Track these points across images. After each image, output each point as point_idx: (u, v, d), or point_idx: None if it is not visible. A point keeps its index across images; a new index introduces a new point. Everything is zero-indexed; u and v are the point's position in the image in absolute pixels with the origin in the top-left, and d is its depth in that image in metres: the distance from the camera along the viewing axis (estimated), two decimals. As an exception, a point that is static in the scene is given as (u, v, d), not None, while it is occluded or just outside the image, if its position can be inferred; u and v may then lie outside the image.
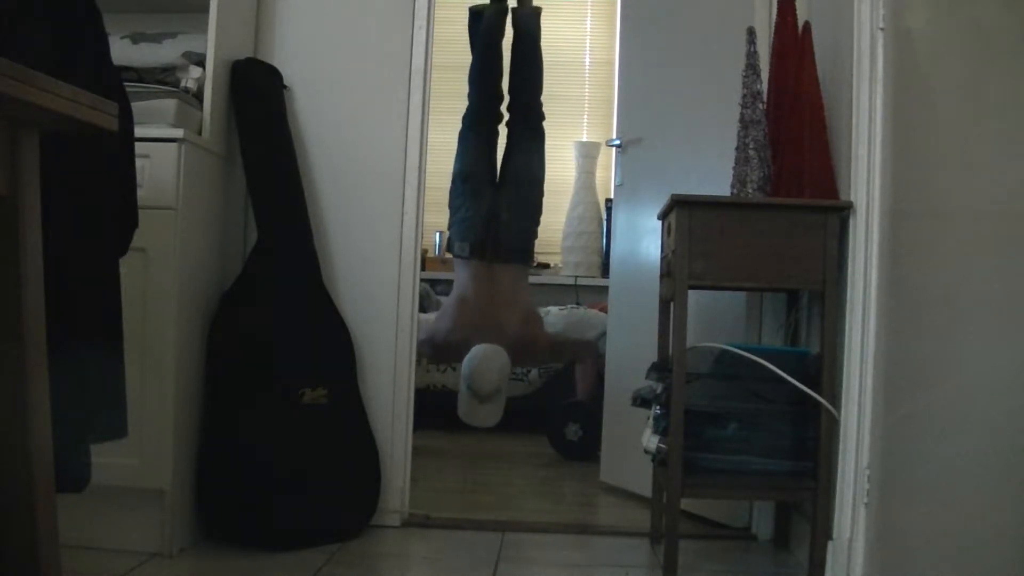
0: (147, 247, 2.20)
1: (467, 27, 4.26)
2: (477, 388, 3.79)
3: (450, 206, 4.10)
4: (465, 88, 4.16)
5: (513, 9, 4.14)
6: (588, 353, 4.10)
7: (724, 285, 2.36)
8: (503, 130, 4.15)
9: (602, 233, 5.49)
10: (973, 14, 1.71)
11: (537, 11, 4.17)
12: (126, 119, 1.62)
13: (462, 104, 4.18)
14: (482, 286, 3.97)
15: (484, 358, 3.80)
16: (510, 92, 4.12)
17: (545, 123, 4.17)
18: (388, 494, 2.66)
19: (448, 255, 4.35)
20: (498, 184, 4.07)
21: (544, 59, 4.23)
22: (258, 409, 2.45)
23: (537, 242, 4.21)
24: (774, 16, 2.51)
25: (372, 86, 2.75)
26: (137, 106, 1.91)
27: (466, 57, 4.23)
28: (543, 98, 4.18)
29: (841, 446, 2.16)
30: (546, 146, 4.18)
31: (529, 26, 4.13)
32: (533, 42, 4.13)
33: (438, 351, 4.01)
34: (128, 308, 1.74)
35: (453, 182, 4.06)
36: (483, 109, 4.05)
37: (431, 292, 5.11)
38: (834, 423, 2.19)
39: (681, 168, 3.02)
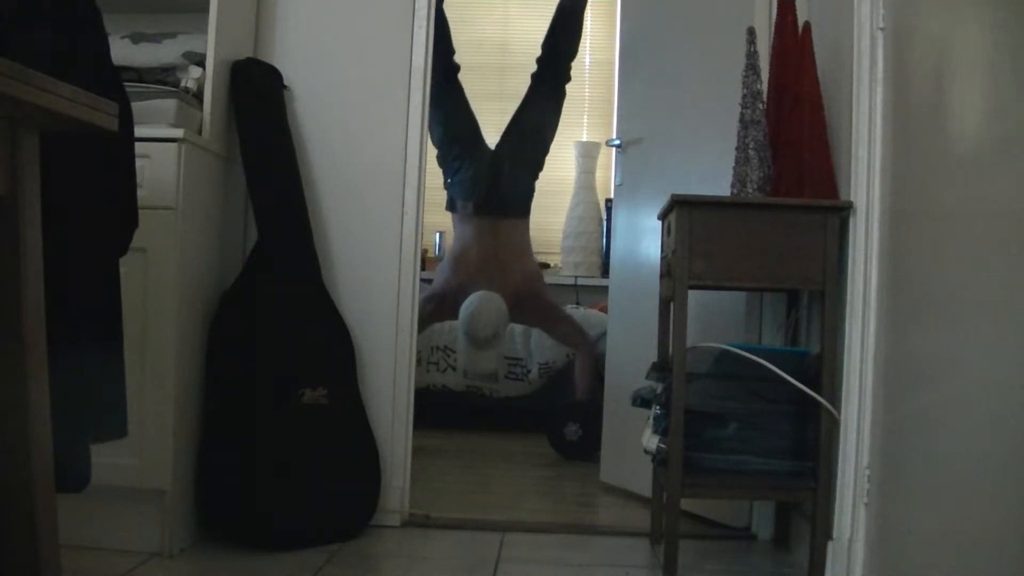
0: (147, 247, 2.20)
1: None
2: (474, 334, 3.79)
3: (444, 168, 4.09)
4: (465, 88, 4.15)
5: None
6: (585, 343, 4.10)
7: (724, 285, 2.36)
8: (517, 96, 4.15)
9: (602, 233, 5.49)
10: (973, 13, 1.71)
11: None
12: (126, 119, 1.62)
13: (462, 104, 4.17)
14: (485, 240, 3.98)
15: (480, 303, 3.80)
16: (544, 50, 4.12)
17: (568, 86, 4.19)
18: (388, 494, 2.66)
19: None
20: (503, 136, 4.07)
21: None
22: (258, 409, 2.45)
23: (537, 242, 4.20)
24: (774, 16, 2.51)
25: (372, 86, 2.75)
26: (137, 106, 1.91)
27: (466, 57, 4.24)
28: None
29: (841, 446, 2.16)
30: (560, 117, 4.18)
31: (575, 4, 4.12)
32: (577, 10, 4.12)
33: (441, 304, 3.99)
34: (128, 308, 1.74)
35: (441, 145, 4.04)
36: (444, 77, 4.00)
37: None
38: (834, 423, 2.19)
39: (681, 168, 3.02)
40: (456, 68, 4.07)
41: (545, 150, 4.14)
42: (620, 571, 2.37)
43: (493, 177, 3.97)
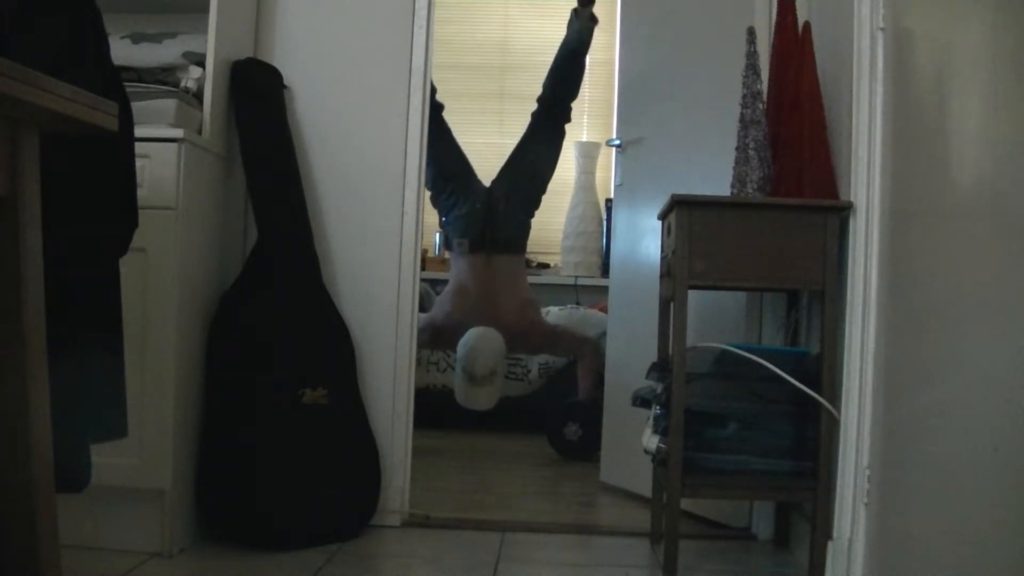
0: (147, 247, 2.20)
1: None
2: (472, 370, 3.81)
3: (439, 208, 4.13)
4: (464, 88, 4.15)
5: (574, 10, 4.14)
6: (587, 350, 4.10)
7: (724, 285, 2.36)
8: (524, 119, 4.16)
9: (602, 233, 5.49)
10: (974, 13, 1.71)
11: (592, 24, 4.15)
12: (126, 119, 1.62)
13: (462, 104, 4.20)
14: (481, 276, 4.01)
15: (478, 340, 3.82)
16: (546, 89, 4.14)
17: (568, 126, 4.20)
18: (388, 494, 2.66)
19: (447, 253, 4.35)
20: (501, 172, 4.10)
21: (544, 59, 4.23)
22: (258, 409, 2.45)
23: (537, 242, 4.21)
24: (774, 16, 2.51)
25: (372, 86, 2.75)
26: (137, 106, 1.91)
27: (465, 57, 4.24)
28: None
29: (841, 446, 2.16)
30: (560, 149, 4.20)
31: (582, 34, 4.11)
32: (581, 51, 4.12)
33: (437, 336, 4.00)
34: (128, 308, 1.74)
35: (434, 185, 4.06)
36: (430, 117, 4.04)
37: (431, 292, 5.11)
38: (834, 423, 2.19)
39: (681, 168, 3.02)
40: (440, 107, 4.08)
41: (542, 189, 4.17)
42: (620, 571, 2.37)
43: (488, 214, 4.00)
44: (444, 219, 4.14)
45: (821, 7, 2.50)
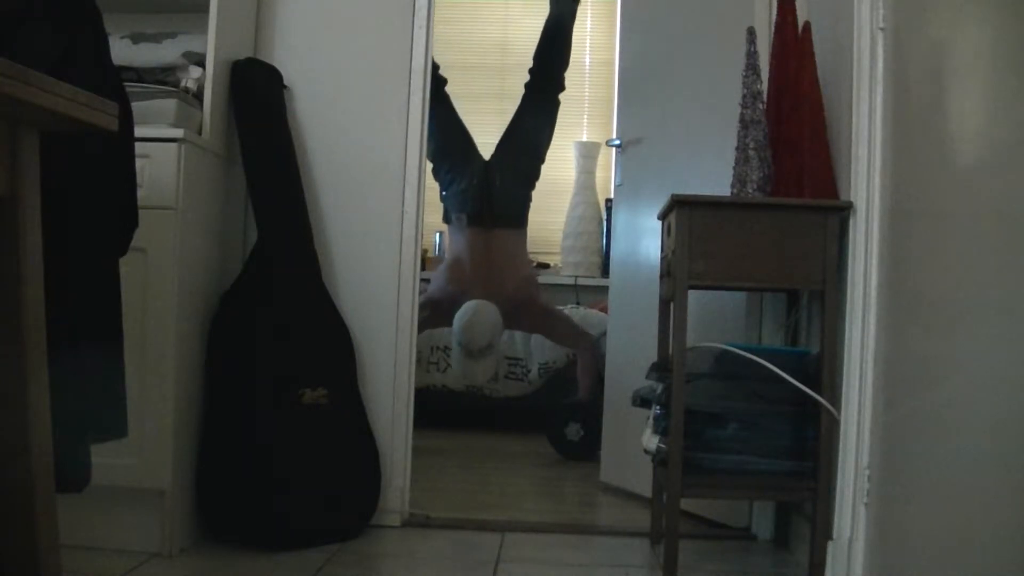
0: (147, 247, 2.20)
1: None
2: (469, 344, 3.80)
3: (438, 180, 4.12)
4: (464, 88, 4.16)
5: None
6: (585, 343, 4.09)
7: (724, 285, 2.36)
8: (517, 96, 4.17)
9: (602, 233, 5.49)
10: (974, 13, 1.71)
11: (574, 5, 4.16)
12: (126, 119, 1.62)
13: (462, 104, 4.19)
14: (479, 250, 4.00)
15: (475, 313, 3.81)
16: (536, 61, 4.13)
17: (561, 95, 4.19)
18: (388, 494, 2.67)
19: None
20: (497, 147, 4.10)
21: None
22: (258, 409, 2.45)
23: (537, 242, 4.21)
24: (774, 16, 2.51)
25: (372, 86, 2.75)
26: (137, 106, 1.91)
27: (465, 57, 4.24)
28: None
29: (841, 446, 2.16)
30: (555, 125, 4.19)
31: (563, 15, 4.12)
32: (566, 25, 4.13)
33: (436, 310, 3.98)
34: (128, 308, 1.74)
35: (434, 159, 4.05)
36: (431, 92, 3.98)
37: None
38: (834, 423, 2.19)
39: (681, 168, 3.02)
40: (443, 81, 4.07)
41: (540, 160, 4.16)
42: (620, 571, 2.37)
43: (485, 189, 3.99)
44: (443, 193, 4.13)
45: (821, 7, 2.50)
